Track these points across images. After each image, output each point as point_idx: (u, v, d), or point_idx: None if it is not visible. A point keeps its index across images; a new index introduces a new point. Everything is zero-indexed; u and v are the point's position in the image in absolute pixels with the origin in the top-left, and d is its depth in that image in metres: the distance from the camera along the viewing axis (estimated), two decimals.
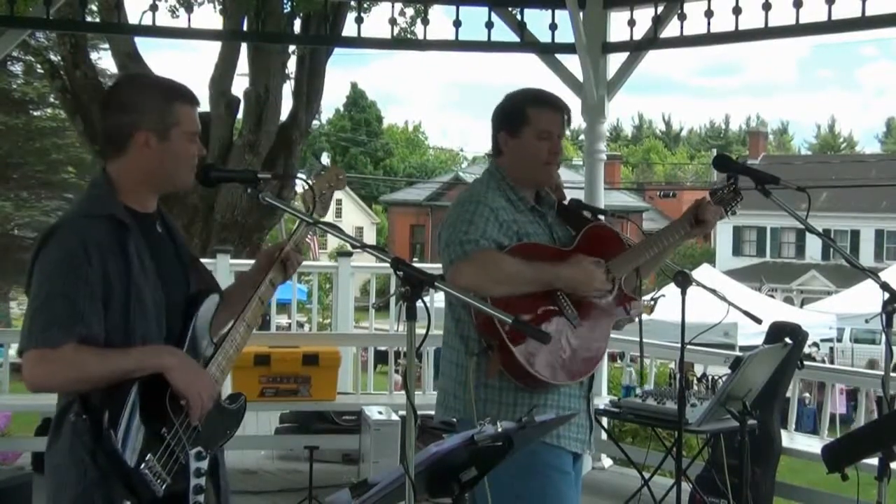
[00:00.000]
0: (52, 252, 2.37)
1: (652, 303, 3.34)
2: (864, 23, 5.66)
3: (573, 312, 3.04)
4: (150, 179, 2.51)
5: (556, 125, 3.18)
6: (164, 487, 2.32)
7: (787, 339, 5.17)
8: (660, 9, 6.36)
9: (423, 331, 2.30)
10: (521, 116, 3.16)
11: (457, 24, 6.66)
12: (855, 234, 38.39)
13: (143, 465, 2.29)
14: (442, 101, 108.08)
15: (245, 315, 2.57)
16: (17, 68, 19.04)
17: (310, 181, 2.72)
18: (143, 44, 12.03)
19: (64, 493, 2.37)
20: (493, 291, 2.91)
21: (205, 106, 11.81)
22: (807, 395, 15.26)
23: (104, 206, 2.44)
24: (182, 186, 2.58)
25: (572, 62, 6.58)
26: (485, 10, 6.60)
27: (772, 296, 30.54)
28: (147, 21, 7.09)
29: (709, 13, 6.14)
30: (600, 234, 3.24)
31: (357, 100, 57.83)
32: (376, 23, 7.20)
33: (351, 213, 48.80)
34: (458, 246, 3.02)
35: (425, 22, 7.15)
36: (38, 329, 2.32)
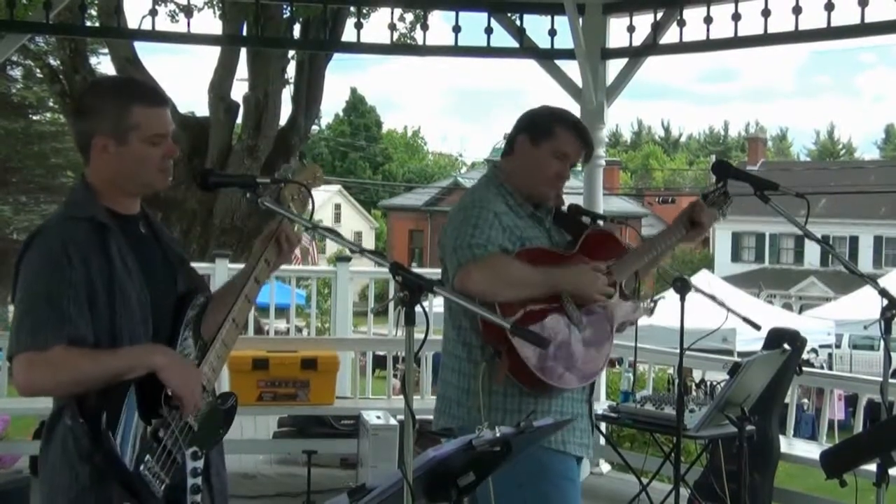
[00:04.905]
0: (34, 256, 2.38)
1: (652, 304, 3.35)
2: (863, 29, 5.65)
3: (579, 317, 3.06)
4: (116, 183, 2.49)
5: (575, 152, 3.21)
6: (162, 488, 2.32)
7: (786, 345, 5.16)
8: (659, 15, 6.36)
9: (422, 335, 2.31)
10: (548, 129, 3.18)
11: (456, 29, 6.64)
12: (854, 241, 38.38)
13: (142, 467, 2.29)
14: (441, 106, 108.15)
15: (233, 313, 2.54)
16: (17, 73, 19.08)
17: (286, 179, 2.71)
18: (142, 48, 12.07)
19: (57, 498, 2.37)
20: (501, 295, 2.92)
21: (204, 111, 11.86)
22: (805, 400, 15.26)
23: (84, 209, 2.44)
24: (153, 188, 2.55)
25: (571, 68, 6.59)
26: (484, 15, 6.59)
27: (770, 302, 30.52)
28: (146, 26, 7.09)
29: (708, 19, 6.13)
30: (601, 239, 3.27)
31: (356, 105, 57.81)
32: (376, 28, 7.19)
33: (350, 218, 48.74)
34: (467, 249, 3.01)
35: (425, 27, 7.16)
36: (26, 333, 2.31)
